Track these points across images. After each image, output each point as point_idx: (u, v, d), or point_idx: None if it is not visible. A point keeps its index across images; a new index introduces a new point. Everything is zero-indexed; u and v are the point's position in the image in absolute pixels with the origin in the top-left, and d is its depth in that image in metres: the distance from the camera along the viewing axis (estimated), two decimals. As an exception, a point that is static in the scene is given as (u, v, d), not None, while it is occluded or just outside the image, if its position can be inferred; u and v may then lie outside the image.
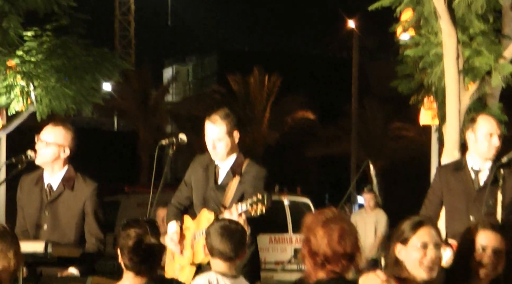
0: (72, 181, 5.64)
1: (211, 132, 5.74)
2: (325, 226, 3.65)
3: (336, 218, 3.68)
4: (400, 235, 3.92)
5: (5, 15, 13.16)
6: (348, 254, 3.59)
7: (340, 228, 3.63)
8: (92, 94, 13.72)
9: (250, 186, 5.60)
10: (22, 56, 13.05)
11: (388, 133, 32.52)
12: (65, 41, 13.24)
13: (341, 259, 3.59)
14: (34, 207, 5.70)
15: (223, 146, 5.71)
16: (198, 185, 5.81)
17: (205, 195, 5.75)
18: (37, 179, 5.74)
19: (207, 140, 5.77)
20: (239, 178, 5.69)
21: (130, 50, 48.46)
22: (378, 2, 9.41)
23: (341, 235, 3.62)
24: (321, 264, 3.61)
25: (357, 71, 30.89)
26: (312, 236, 3.66)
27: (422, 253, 3.84)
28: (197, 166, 5.87)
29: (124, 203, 16.21)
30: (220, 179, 5.75)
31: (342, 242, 3.61)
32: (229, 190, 5.68)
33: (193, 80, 48.37)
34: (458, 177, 5.86)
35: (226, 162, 5.76)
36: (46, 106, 13.10)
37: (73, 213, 5.61)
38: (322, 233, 3.64)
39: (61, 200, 5.63)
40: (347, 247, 3.60)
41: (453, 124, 8.62)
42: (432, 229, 3.90)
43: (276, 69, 34.54)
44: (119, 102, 34.66)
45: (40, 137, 5.68)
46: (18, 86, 13.10)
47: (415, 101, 10.99)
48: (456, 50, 8.50)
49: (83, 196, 5.61)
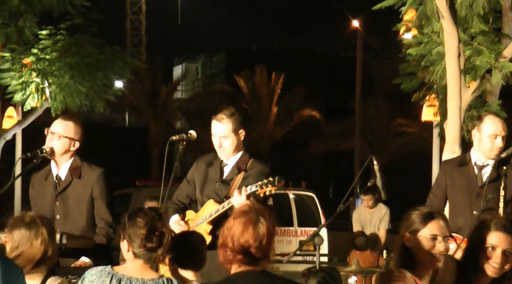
0: (79, 169, 5.69)
1: (217, 131, 5.75)
2: (235, 217, 3.62)
3: (248, 211, 3.62)
4: (409, 226, 3.91)
5: (21, 14, 13.20)
6: (247, 247, 3.53)
7: (245, 219, 3.57)
8: (105, 91, 13.75)
9: (254, 180, 5.62)
10: (37, 54, 13.08)
11: (391, 130, 32.50)
12: (79, 39, 13.27)
13: (242, 253, 3.54)
14: (46, 200, 5.74)
15: (229, 144, 5.72)
16: (203, 180, 5.81)
17: (211, 189, 5.75)
18: (46, 174, 5.79)
19: (213, 138, 5.78)
20: (244, 174, 5.72)
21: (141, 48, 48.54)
22: (382, 2, 9.40)
23: (244, 227, 3.56)
24: (228, 255, 3.59)
25: (361, 70, 30.84)
26: (225, 228, 3.65)
27: (431, 245, 3.86)
28: (201, 164, 5.88)
29: (136, 196, 16.22)
30: (225, 174, 5.78)
31: (244, 235, 3.56)
32: (233, 185, 5.70)
33: (202, 78, 48.42)
34: (462, 172, 5.87)
35: (231, 159, 5.78)
36: (60, 103, 13.13)
37: (83, 200, 5.66)
38: (231, 224, 3.62)
39: (70, 189, 5.68)
40: (248, 240, 3.54)
41: (454, 121, 8.61)
42: (442, 222, 3.91)
43: (282, 67, 34.54)
44: (131, 99, 34.70)
45: (51, 130, 5.70)
46: (34, 83, 13.13)
47: (417, 99, 10.99)
48: (457, 49, 8.49)
49: (90, 182, 5.66)
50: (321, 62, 44.07)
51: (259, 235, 3.57)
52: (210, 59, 47.75)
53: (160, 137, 33.61)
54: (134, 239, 4.01)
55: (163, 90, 36.30)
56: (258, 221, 3.59)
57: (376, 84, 36.44)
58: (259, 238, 3.57)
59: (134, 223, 4.02)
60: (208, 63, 48.03)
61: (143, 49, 48.80)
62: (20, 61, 13.08)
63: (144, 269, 4.02)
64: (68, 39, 13.19)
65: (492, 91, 10.07)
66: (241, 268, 3.59)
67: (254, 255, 3.56)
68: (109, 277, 3.95)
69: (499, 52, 9.20)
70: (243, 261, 3.57)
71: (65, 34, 13.19)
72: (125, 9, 48.93)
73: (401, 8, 9.40)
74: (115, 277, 3.95)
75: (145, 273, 4.01)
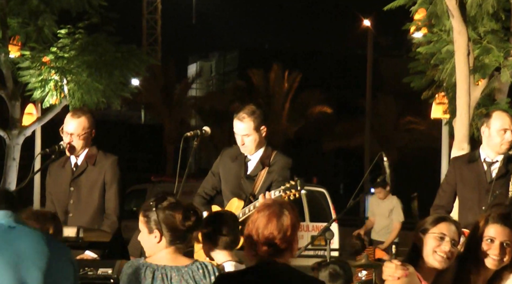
0: (94, 157, 5.75)
1: (239, 129, 5.72)
2: (259, 211, 3.64)
3: (272, 204, 3.64)
4: (421, 226, 3.96)
5: (40, 14, 13.24)
6: (268, 240, 3.55)
7: (270, 212, 3.59)
8: (121, 89, 13.77)
9: (278, 175, 5.61)
10: (56, 52, 13.11)
11: (400, 127, 32.43)
12: (96, 38, 13.29)
13: (266, 245, 3.55)
14: (61, 187, 5.78)
15: (251, 141, 5.70)
16: (228, 175, 5.80)
17: (235, 185, 5.74)
18: (63, 162, 5.83)
19: (236, 137, 5.76)
20: (268, 168, 5.70)
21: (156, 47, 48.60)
22: (393, 2, 9.37)
23: (268, 220, 3.57)
24: (252, 247, 3.60)
25: (371, 68, 30.79)
26: (250, 221, 3.67)
27: (437, 243, 3.88)
28: (226, 158, 5.85)
29: (151, 191, 16.23)
30: (250, 169, 5.75)
31: (268, 227, 3.57)
32: (258, 180, 5.68)
33: (216, 76, 48.43)
34: (471, 169, 5.85)
35: (255, 154, 5.76)
36: (78, 100, 13.15)
37: (95, 186, 5.70)
38: (255, 217, 3.63)
39: (84, 175, 5.73)
40: (268, 234, 3.55)
41: (463, 118, 8.57)
42: (453, 226, 3.95)
43: (295, 65, 34.50)
44: (146, 96, 34.75)
45: (66, 131, 5.71)
46: (52, 80, 13.16)
47: (426, 97, 10.96)
48: (466, 48, 8.45)
49: (104, 167, 5.71)
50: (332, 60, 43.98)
51: (283, 226, 3.58)
52: (224, 58, 47.75)
53: (175, 134, 33.66)
54: (169, 223, 3.85)
55: (178, 88, 36.34)
56: (282, 213, 3.61)
57: (386, 82, 36.33)
58: (283, 230, 3.58)
59: (166, 208, 3.87)
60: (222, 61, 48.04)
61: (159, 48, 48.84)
62: (40, 60, 13.11)
63: (177, 256, 3.89)
64: (86, 37, 13.22)
65: (501, 89, 10.04)
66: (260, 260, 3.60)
67: (279, 247, 3.57)
68: (144, 269, 3.84)
69: (508, 51, 9.16)
70: (268, 253, 3.57)
71: (83, 33, 13.22)
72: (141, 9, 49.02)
73: (412, 7, 9.36)
74: (150, 268, 3.84)
75: (178, 260, 3.89)
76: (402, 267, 3.74)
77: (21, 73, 13.23)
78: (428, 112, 13.49)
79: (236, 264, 4.64)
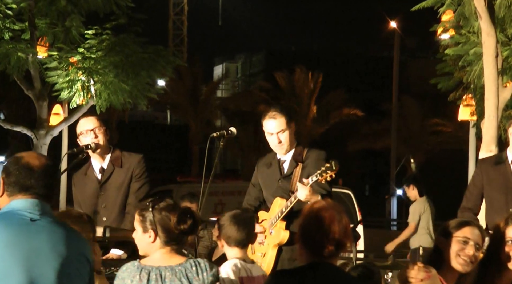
0: (119, 159, 5.80)
1: (273, 127, 5.72)
2: (317, 213, 3.67)
3: (327, 207, 3.68)
4: (445, 228, 3.96)
5: (68, 15, 13.31)
6: (335, 240, 3.58)
7: (329, 215, 3.63)
8: (147, 90, 13.80)
9: (313, 168, 5.61)
10: (83, 53, 13.17)
11: (426, 129, 32.25)
12: (123, 39, 13.33)
13: (327, 245, 3.58)
14: (88, 194, 5.81)
15: (286, 137, 5.71)
16: (267, 181, 5.85)
17: (274, 187, 5.78)
18: (86, 170, 5.88)
19: (270, 138, 5.75)
20: (301, 164, 5.72)
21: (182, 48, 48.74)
22: (420, 3, 9.32)
23: (330, 222, 3.61)
24: (309, 248, 3.63)
25: (398, 70, 30.65)
26: (304, 223, 3.69)
27: (461, 247, 3.88)
28: (262, 167, 5.92)
29: (176, 192, 16.25)
30: (285, 170, 5.78)
31: (330, 228, 3.60)
32: (294, 177, 5.70)
33: (241, 77, 48.49)
34: (498, 170, 5.83)
35: (287, 154, 5.79)
36: (104, 100, 13.20)
37: (123, 186, 5.74)
38: (313, 219, 3.66)
39: (112, 178, 5.77)
40: (335, 233, 3.58)
41: (491, 120, 8.51)
42: (476, 229, 3.94)
43: (321, 67, 34.46)
44: (172, 97, 34.85)
45: (86, 129, 5.77)
46: (79, 81, 13.22)
47: (453, 98, 10.89)
48: (495, 49, 8.39)
49: (131, 166, 5.77)
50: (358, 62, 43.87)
51: (345, 227, 3.62)
52: (250, 59, 47.82)
53: (201, 135, 33.73)
54: (164, 224, 3.90)
55: (204, 89, 36.42)
56: (341, 214, 3.66)
57: (412, 84, 36.17)
58: (346, 230, 3.62)
59: (162, 209, 3.93)
60: (247, 63, 48.10)
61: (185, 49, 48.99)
62: (67, 60, 13.18)
63: (171, 256, 3.93)
64: (113, 38, 13.27)
65: (529, 91, 9.92)
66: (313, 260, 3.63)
67: (341, 246, 3.61)
68: (138, 271, 3.87)
69: (537, 53, 9.07)
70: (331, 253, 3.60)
71: (110, 33, 13.27)
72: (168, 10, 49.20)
73: (439, 9, 9.30)
74: (144, 270, 3.88)
75: (172, 259, 3.93)
76: (425, 270, 3.73)
77: (48, 74, 13.30)
78: (455, 114, 13.40)
79: (239, 262, 4.71)
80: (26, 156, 3.26)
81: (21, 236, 3.11)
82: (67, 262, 3.15)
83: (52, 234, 3.16)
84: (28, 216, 3.16)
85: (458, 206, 6.01)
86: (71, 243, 3.19)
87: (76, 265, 3.19)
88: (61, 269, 3.13)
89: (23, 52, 12.88)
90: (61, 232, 3.19)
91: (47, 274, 3.10)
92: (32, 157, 3.26)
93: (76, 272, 3.19)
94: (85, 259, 3.25)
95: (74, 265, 3.18)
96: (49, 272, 3.10)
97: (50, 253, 3.12)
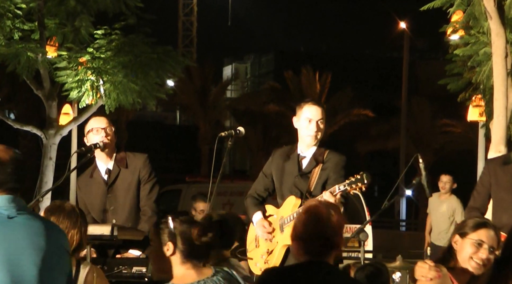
0: (124, 160, 5.80)
1: (316, 114, 5.63)
2: (309, 211, 3.68)
3: (321, 206, 3.68)
4: (461, 228, 3.93)
5: (77, 15, 13.34)
6: (325, 238, 3.59)
7: (322, 214, 3.63)
8: (157, 90, 13.81)
9: (333, 172, 5.56)
10: (92, 53, 13.19)
11: (436, 129, 32.19)
12: (132, 39, 13.35)
13: (318, 243, 3.58)
14: (95, 196, 5.81)
15: (323, 128, 5.67)
16: (282, 174, 5.73)
17: (290, 183, 5.66)
18: (91, 172, 5.88)
19: (308, 125, 5.62)
20: (321, 165, 5.64)
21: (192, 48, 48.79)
22: (430, 3, 9.29)
23: (319, 220, 3.62)
24: (301, 247, 3.63)
25: (407, 70, 30.59)
26: (297, 221, 3.71)
27: (475, 250, 3.85)
28: (278, 158, 5.80)
29: (185, 192, 16.28)
30: (304, 166, 5.69)
31: (318, 227, 3.60)
32: (313, 177, 5.62)
33: (250, 78, 48.50)
34: (506, 170, 5.81)
35: (308, 151, 5.70)
36: (114, 100, 13.22)
37: (131, 187, 5.74)
38: (304, 218, 3.67)
39: (119, 179, 5.77)
40: (325, 231, 3.59)
41: (501, 121, 8.49)
42: (492, 232, 3.90)
43: (330, 68, 34.42)
44: (181, 98, 34.89)
45: (97, 128, 5.77)
46: (89, 81, 13.24)
47: (463, 99, 10.86)
48: (504, 50, 8.37)
49: (137, 167, 5.76)
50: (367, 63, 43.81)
51: (332, 225, 3.62)
52: (259, 60, 47.82)
53: (210, 135, 33.75)
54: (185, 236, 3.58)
55: (213, 90, 36.44)
56: (330, 213, 3.65)
57: (422, 85, 36.09)
58: (333, 229, 3.62)
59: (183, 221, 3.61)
60: (256, 63, 48.10)
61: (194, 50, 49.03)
62: (76, 60, 13.21)
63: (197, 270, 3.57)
64: (122, 38, 13.28)
65: (539, 92, 9.87)
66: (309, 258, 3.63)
67: (329, 245, 3.61)
68: None
69: (547, 53, 9.01)
70: (319, 251, 3.61)
71: (119, 34, 13.29)
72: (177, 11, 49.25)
73: (449, 9, 9.28)
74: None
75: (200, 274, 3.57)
76: (435, 268, 3.70)
77: (58, 74, 13.33)
78: (464, 114, 13.37)
79: None
80: None
81: (0, 234, 3.06)
82: (48, 255, 3.10)
83: (31, 229, 3.11)
84: (4, 213, 3.09)
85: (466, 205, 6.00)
86: (50, 236, 3.14)
87: (56, 258, 3.15)
88: (43, 263, 3.09)
89: (33, 52, 12.92)
90: (38, 227, 3.14)
91: (29, 270, 3.06)
92: (0, 150, 3.14)
93: (57, 265, 3.15)
94: (64, 250, 3.21)
95: (55, 258, 3.14)
96: (31, 268, 3.07)
97: (30, 248, 3.07)
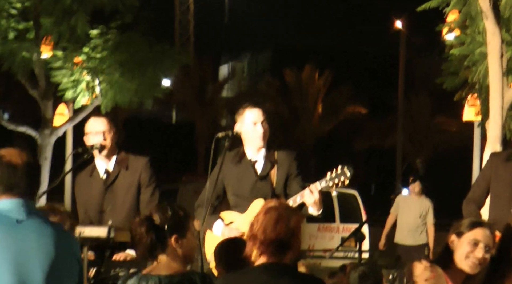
0: (125, 161, 5.76)
1: (257, 116, 5.72)
2: (265, 212, 3.71)
3: (277, 207, 3.73)
4: (457, 228, 3.94)
5: (73, 13, 13.33)
6: (279, 240, 3.63)
7: (277, 214, 3.68)
8: (153, 88, 13.82)
9: (291, 169, 5.54)
10: (88, 53, 13.20)
11: (432, 128, 32.25)
12: (129, 37, 13.35)
13: (273, 245, 3.63)
14: (93, 195, 5.78)
15: (267, 127, 5.67)
16: (236, 180, 5.62)
17: (248, 188, 5.57)
18: (91, 171, 5.84)
19: (254, 128, 5.64)
20: (276, 165, 5.60)
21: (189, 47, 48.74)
22: (426, 3, 9.33)
23: (276, 221, 3.66)
24: (257, 248, 3.68)
25: (404, 68, 30.63)
26: (254, 221, 3.74)
27: (471, 249, 3.87)
28: (228, 164, 5.64)
29: (182, 191, 16.31)
30: (259, 170, 5.61)
31: (276, 228, 3.65)
32: (273, 179, 5.59)
33: (248, 76, 48.48)
34: (507, 167, 5.83)
35: (259, 154, 5.64)
36: (110, 100, 13.23)
37: (130, 190, 5.71)
38: (262, 219, 3.71)
39: (118, 180, 5.74)
40: (280, 233, 3.63)
41: (496, 120, 8.52)
42: (488, 232, 3.92)
43: (327, 65, 34.43)
44: (178, 96, 34.87)
45: (95, 130, 5.73)
46: (84, 81, 13.26)
47: (459, 98, 10.89)
48: (500, 50, 8.40)
49: (138, 170, 5.72)
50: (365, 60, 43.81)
51: (290, 228, 3.67)
52: (256, 58, 47.79)
53: (206, 134, 33.74)
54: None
55: (210, 88, 36.43)
56: (289, 215, 3.71)
57: (418, 83, 36.12)
58: (291, 231, 3.67)
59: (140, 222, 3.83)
60: (254, 61, 48.08)
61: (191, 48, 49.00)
62: (72, 60, 13.21)
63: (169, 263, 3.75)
64: (118, 37, 13.29)
65: (534, 91, 9.90)
66: (266, 260, 3.68)
67: (285, 247, 3.66)
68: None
69: (542, 53, 9.06)
70: (274, 253, 3.66)
71: (115, 32, 13.29)
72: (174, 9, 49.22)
73: (445, 9, 9.31)
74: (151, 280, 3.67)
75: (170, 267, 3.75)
76: (430, 269, 3.73)
77: (53, 73, 13.34)
78: (460, 113, 13.41)
79: None
80: (7, 154, 3.15)
81: (8, 238, 3.06)
82: (56, 262, 3.10)
83: (40, 234, 3.10)
84: (13, 217, 3.09)
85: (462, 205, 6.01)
86: (60, 243, 3.13)
87: (65, 264, 3.14)
88: (50, 269, 3.08)
89: (28, 51, 12.92)
90: (49, 232, 3.13)
91: (36, 275, 3.06)
92: (13, 154, 3.14)
93: (65, 272, 3.14)
94: (75, 259, 3.19)
95: (63, 264, 3.12)
96: (38, 273, 3.06)
97: (38, 254, 3.07)
